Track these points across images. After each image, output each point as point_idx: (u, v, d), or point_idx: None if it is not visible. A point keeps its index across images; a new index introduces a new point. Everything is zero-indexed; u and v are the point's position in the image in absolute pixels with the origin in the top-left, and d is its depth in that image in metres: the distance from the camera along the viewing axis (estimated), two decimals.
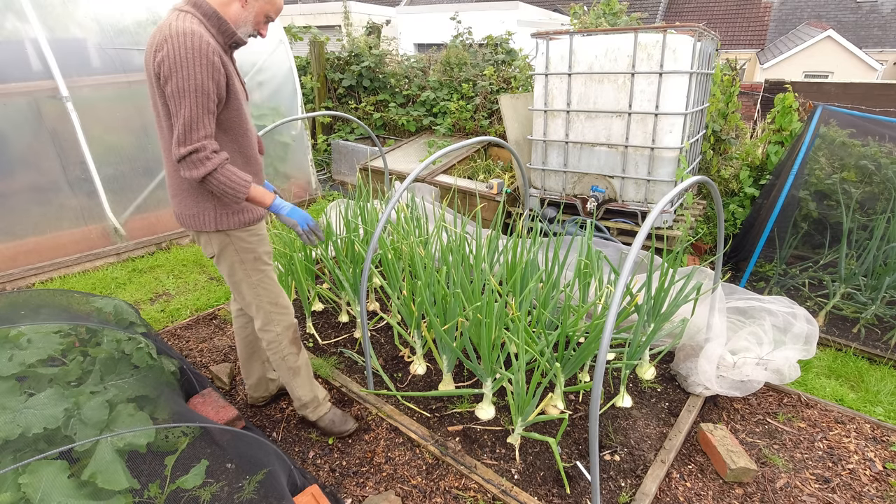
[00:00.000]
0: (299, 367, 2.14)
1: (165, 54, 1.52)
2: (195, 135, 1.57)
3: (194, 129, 1.57)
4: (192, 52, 1.52)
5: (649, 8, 18.74)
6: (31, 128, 3.69)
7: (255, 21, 1.74)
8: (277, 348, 2.06)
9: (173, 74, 1.52)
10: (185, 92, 1.53)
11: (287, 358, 2.09)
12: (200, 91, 1.55)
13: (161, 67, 1.54)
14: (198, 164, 1.59)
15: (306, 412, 2.25)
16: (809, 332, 2.66)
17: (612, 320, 1.44)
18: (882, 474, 2.13)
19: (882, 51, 17.20)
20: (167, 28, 1.56)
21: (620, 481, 2.05)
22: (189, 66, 1.52)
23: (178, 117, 1.56)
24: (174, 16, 1.61)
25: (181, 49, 1.51)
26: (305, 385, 2.19)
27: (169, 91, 1.55)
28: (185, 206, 1.79)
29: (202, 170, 1.59)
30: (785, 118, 4.36)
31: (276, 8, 1.78)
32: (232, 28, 1.70)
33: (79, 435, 1.46)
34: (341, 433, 2.28)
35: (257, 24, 1.76)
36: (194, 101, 1.55)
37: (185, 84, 1.53)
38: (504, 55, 6.36)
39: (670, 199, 1.87)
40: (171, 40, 1.53)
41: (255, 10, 1.72)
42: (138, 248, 4.27)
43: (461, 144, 2.72)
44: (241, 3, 1.69)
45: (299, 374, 2.15)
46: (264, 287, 1.97)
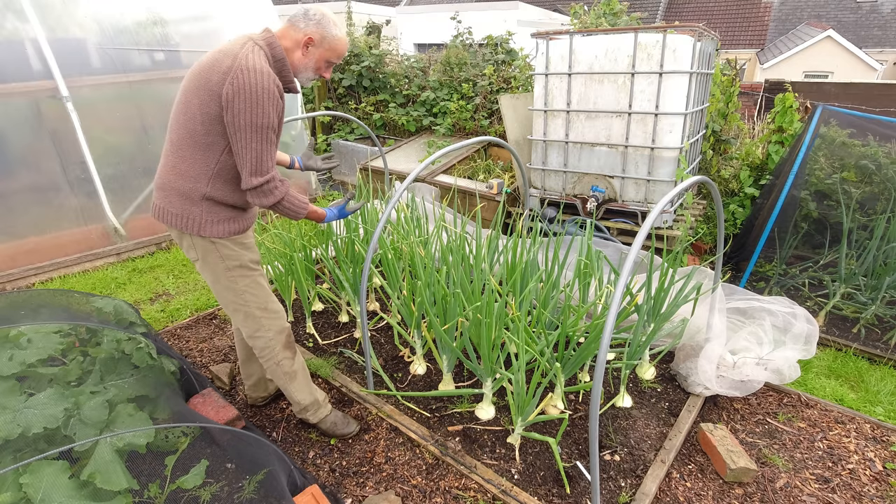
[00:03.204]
0: (295, 372, 2.11)
1: (241, 87, 1.59)
2: (265, 166, 1.69)
3: (265, 160, 1.68)
4: (266, 93, 1.61)
5: (649, 8, 18.73)
6: (31, 128, 3.69)
7: (315, 67, 1.82)
8: (270, 354, 2.02)
9: (248, 110, 1.60)
10: (258, 128, 1.63)
11: (282, 363, 2.05)
12: (270, 127, 1.66)
13: (235, 99, 1.60)
14: (270, 193, 1.72)
15: (307, 415, 2.22)
16: (809, 332, 2.66)
17: (612, 320, 1.44)
18: (882, 474, 2.13)
19: (882, 51, 17.20)
20: (244, 59, 1.62)
21: (620, 481, 2.05)
22: (263, 104, 1.61)
23: (250, 150, 1.65)
24: (250, 46, 1.67)
25: (258, 87, 1.60)
26: (303, 389, 2.16)
27: (240, 123, 1.62)
28: (171, 205, 1.78)
29: (274, 198, 1.74)
30: (785, 118, 4.36)
31: (338, 54, 1.84)
32: (291, 76, 1.79)
33: (79, 435, 1.46)
34: (344, 435, 2.27)
35: (318, 69, 1.84)
36: (264, 136, 1.65)
37: (260, 121, 1.62)
38: (504, 55, 6.36)
39: (670, 199, 1.87)
40: (248, 75, 1.59)
41: (316, 58, 1.80)
42: (138, 248, 4.27)
43: (461, 144, 2.72)
44: (303, 51, 1.77)
45: (296, 378, 2.12)
46: (252, 293, 1.93)
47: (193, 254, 1.87)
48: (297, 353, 2.13)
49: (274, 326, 2.00)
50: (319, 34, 1.76)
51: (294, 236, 2.99)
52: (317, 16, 1.76)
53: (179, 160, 1.74)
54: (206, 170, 1.73)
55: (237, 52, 1.64)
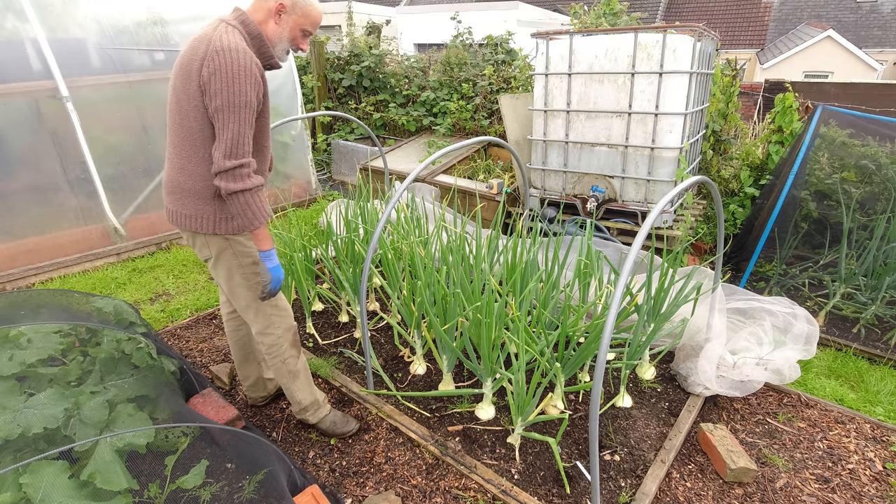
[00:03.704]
0: (299, 371, 2.12)
1: (217, 68, 1.56)
2: (242, 149, 1.62)
3: (241, 143, 1.62)
4: (242, 69, 1.57)
5: (649, 8, 18.73)
6: (31, 128, 3.69)
7: (290, 37, 1.76)
8: (278, 352, 2.03)
9: (225, 89, 1.56)
10: (235, 107, 1.58)
11: (287, 361, 2.06)
12: (248, 107, 1.61)
13: (211, 80, 1.57)
14: (239, 179, 1.63)
15: (306, 416, 2.23)
16: (810, 332, 2.66)
17: (612, 320, 1.44)
18: (882, 474, 2.13)
19: (882, 51, 17.20)
20: (218, 41, 1.58)
21: (620, 481, 2.05)
22: (240, 82, 1.57)
23: (226, 131, 1.60)
24: (222, 28, 1.64)
25: (233, 65, 1.56)
26: (305, 388, 2.17)
27: (218, 104, 1.58)
28: (184, 206, 1.78)
29: (241, 185, 1.64)
30: (785, 118, 4.36)
31: (312, 21, 1.77)
32: (271, 51, 1.75)
33: (79, 435, 1.46)
34: (343, 434, 2.27)
35: (293, 39, 1.77)
36: (243, 117, 1.60)
37: (237, 100, 1.58)
38: (504, 55, 6.36)
39: (670, 199, 1.87)
40: (223, 55, 1.56)
41: (290, 26, 1.74)
42: (138, 248, 4.27)
43: (461, 144, 2.72)
44: (275, 19, 1.72)
45: (299, 377, 2.13)
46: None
47: (207, 252, 1.86)
48: (301, 352, 2.13)
49: (283, 324, 2.01)
50: (290, 1, 1.71)
51: (294, 236, 2.99)
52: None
53: (185, 160, 1.73)
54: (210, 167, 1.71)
55: (210, 35, 1.61)
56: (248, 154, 1.65)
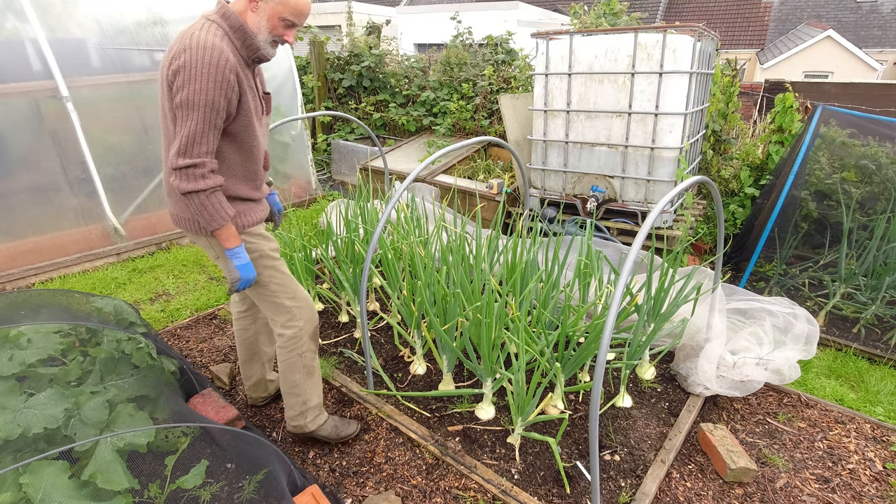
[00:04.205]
0: (314, 367, 2.04)
1: (182, 64, 1.51)
2: (197, 149, 1.56)
3: (197, 143, 1.56)
4: (208, 67, 1.51)
5: (649, 8, 18.74)
6: (31, 128, 3.69)
7: (269, 25, 1.66)
8: (296, 344, 1.95)
9: (186, 86, 1.51)
10: (194, 105, 1.52)
11: (305, 355, 1.98)
12: (210, 107, 1.54)
13: (176, 77, 1.53)
14: (192, 179, 1.57)
15: (305, 421, 2.10)
16: (810, 332, 2.66)
17: (612, 320, 1.44)
18: (882, 474, 2.13)
19: (882, 51, 17.20)
20: (188, 38, 1.55)
21: (620, 481, 2.05)
22: (203, 80, 1.51)
23: (183, 128, 1.55)
24: (199, 24, 1.60)
25: (198, 62, 1.51)
26: (318, 386, 2.09)
27: (178, 100, 1.54)
28: (182, 209, 1.76)
29: (194, 185, 1.58)
30: (785, 118, 4.36)
31: (292, 10, 1.65)
32: (256, 42, 1.67)
33: (79, 435, 1.46)
34: (346, 437, 2.21)
35: (273, 28, 1.67)
36: (202, 116, 1.54)
37: (196, 98, 1.52)
38: (504, 55, 6.36)
39: (670, 199, 1.87)
40: (190, 52, 1.52)
41: (267, 14, 1.64)
42: (138, 248, 4.27)
43: (461, 144, 2.72)
44: (251, 7, 1.64)
45: (314, 374, 2.05)
46: (277, 282, 1.89)
47: (212, 252, 1.83)
48: (317, 348, 2.07)
49: (304, 315, 1.95)
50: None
51: (294, 236, 2.99)
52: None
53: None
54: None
55: (185, 34, 1.57)
56: (205, 154, 1.58)
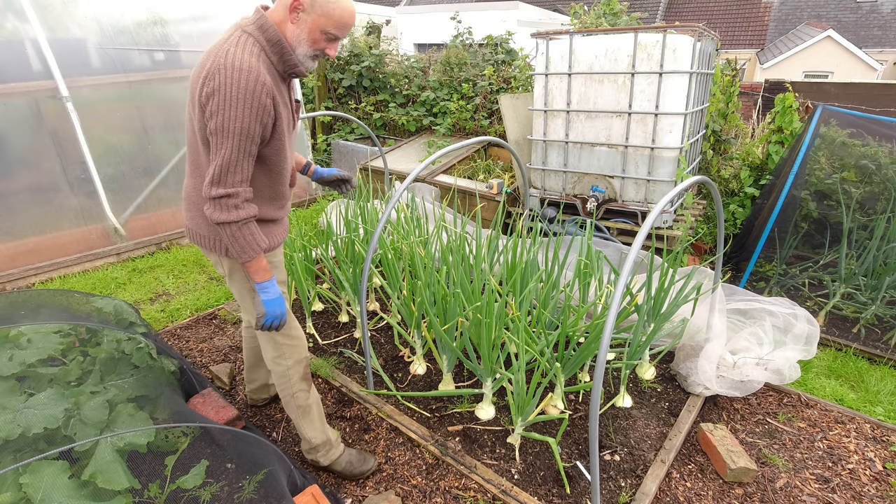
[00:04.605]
0: (310, 406, 1.96)
1: (216, 87, 1.42)
2: (231, 178, 1.49)
3: (231, 172, 1.48)
4: (243, 92, 1.42)
5: (649, 8, 18.74)
6: (31, 128, 3.69)
7: (310, 39, 1.54)
8: (287, 384, 1.90)
9: (220, 112, 1.43)
10: (228, 132, 1.44)
11: (297, 395, 1.92)
12: (245, 135, 1.46)
13: (209, 100, 1.44)
14: (225, 210, 1.50)
15: (317, 456, 2.04)
16: (810, 332, 2.66)
17: (612, 320, 1.44)
18: (882, 474, 2.13)
19: (882, 51, 17.20)
20: (223, 56, 1.44)
21: (620, 481, 2.05)
22: (237, 107, 1.42)
23: (217, 157, 1.47)
24: (235, 38, 1.49)
25: (233, 86, 1.41)
26: (316, 425, 1.99)
27: (212, 127, 1.46)
28: (198, 225, 1.71)
29: (226, 216, 1.51)
30: (785, 118, 4.36)
31: (336, 23, 1.52)
32: (293, 58, 1.56)
33: (79, 435, 1.46)
34: (362, 474, 2.08)
35: (314, 41, 1.55)
36: (236, 144, 1.46)
37: (231, 125, 1.43)
38: (504, 55, 6.36)
39: (670, 199, 1.87)
40: (224, 73, 1.42)
41: (308, 27, 1.52)
42: (138, 248, 4.27)
43: (461, 144, 2.72)
44: (291, 18, 1.52)
45: (309, 413, 1.97)
46: None
47: (221, 269, 1.78)
48: (312, 386, 1.98)
49: (294, 355, 1.88)
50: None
51: (294, 236, 2.99)
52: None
53: (197, 179, 1.64)
54: None
55: (219, 48, 1.47)
56: (240, 183, 1.51)
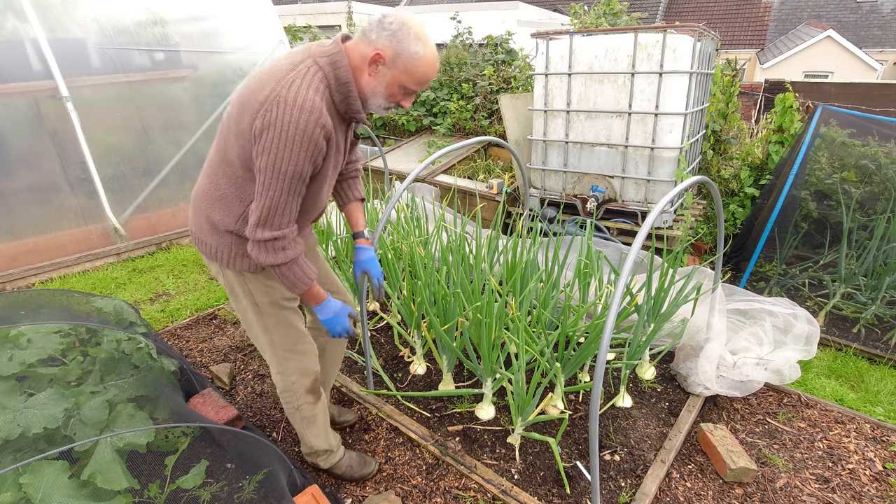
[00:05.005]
0: (315, 416, 1.89)
1: (272, 121, 1.32)
2: (279, 220, 1.41)
3: (280, 214, 1.40)
4: (301, 134, 1.33)
5: (649, 8, 18.74)
6: (31, 128, 3.69)
7: (387, 92, 1.46)
8: (291, 398, 1.82)
9: (273, 150, 1.33)
10: (280, 174, 1.35)
11: (302, 408, 1.84)
12: (297, 177, 1.38)
13: (263, 133, 1.34)
14: (272, 252, 1.44)
15: (317, 460, 2.02)
16: (810, 332, 2.66)
17: (612, 320, 1.44)
18: (882, 474, 2.13)
19: (882, 51, 17.21)
20: (286, 87, 1.34)
21: (620, 481, 2.05)
22: (293, 149, 1.33)
23: (265, 197, 1.38)
24: (304, 68, 1.38)
25: (291, 126, 1.31)
26: (320, 434, 1.95)
27: (262, 164, 1.36)
28: (203, 233, 1.62)
29: (274, 258, 1.45)
30: (785, 118, 4.36)
31: (417, 80, 1.44)
32: (357, 105, 1.47)
33: (79, 435, 1.46)
34: (363, 478, 2.06)
35: (391, 95, 1.47)
36: (286, 186, 1.38)
37: (284, 167, 1.34)
38: (504, 55, 6.36)
39: (670, 199, 1.87)
40: (284, 109, 1.31)
41: (387, 81, 1.44)
42: (138, 248, 4.27)
43: (461, 144, 2.72)
44: (369, 70, 1.43)
45: (314, 423, 1.91)
46: (279, 332, 1.72)
47: (222, 280, 1.69)
48: (321, 397, 1.90)
49: (298, 369, 1.78)
50: (392, 50, 1.38)
51: None
52: (394, 24, 1.37)
53: (213, 187, 1.55)
54: (238, 206, 1.51)
55: (282, 76, 1.36)
56: (287, 224, 1.43)
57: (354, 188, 1.88)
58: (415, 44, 1.38)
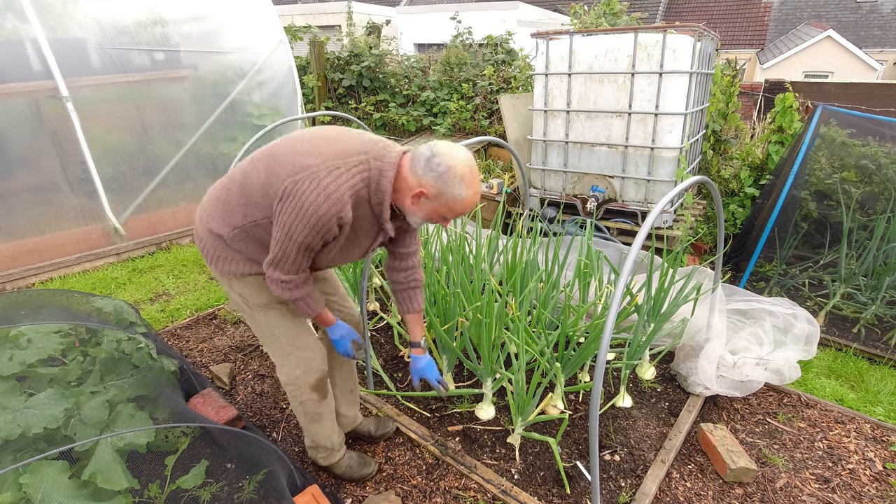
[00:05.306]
0: (321, 414, 1.90)
1: (298, 193, 1.40)
2: (289, 268, 1.54)
3: (289, 264, 1.53)
4: (317, 218, 1.41)
5: (649, 8, 18.74)
6: (31, 128, 3.69)
7: (426, 217, 1.56)
8: (296, 392, 1.84)
9: (289, 217, 1.43)
10: (291, 238, 1.46)
11: (305, 403, 1.85)
12: (305, 245, 1.48)
13: (287, 198, 1.42)
14: (281, 289, 1.57)
15: (318, 455, 2.04)
16: (810, 332, 2.66)
17: (612, 320, 1.44)
18: (882, 474, 2.13)
19: (882, 51, 17.21)
20: (325, 171, 1.41)
21: (620, 481, 2.05)
22: (305, 226, 1.42)
23: (278, 247, 1.49)
24: (355, 161, 1.46)
25: (311, 207, 1.40)
26: (325, 432, 1.96)
27: (279, 221, 1.46)
28: (201, 229, 1.68)
29: (282, 295, 1.58)
30: (785, 118, 4.36)
31: (456, 213, 1.53)
32: (385, 216, 1.56)
33: (79, 435, 1.46)
34: (361, 478, 2.06)
35: (430, 218, 1.57)
36: (296, 248, 1.49)
37: (295, 235, 1.45)
38: (504, 55, 6.36)
39: (670, 199, 1.87)
40: (312, 188, 1.39)
41: (428, 209, 1.52)
42: (138, 248, 4.27)
43: (461, 144, 2.72)
44: (413, 201, 1.51)
45: (320, 421, 1.92)
46: (277, 329, 1.76)
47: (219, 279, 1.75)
48: (327, 395, 1.91)
49: (301, 365, 1.79)
50: (436, 189, 1.45)
51: None
52: (441, 166, 1.43)
53: (225, 192, 1.62)
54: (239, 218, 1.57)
55: (333, 157, 1.44)
56: (296, 272, 1.55)
57: (413, 300, 1.92)
58: (458, 187, 1.45)
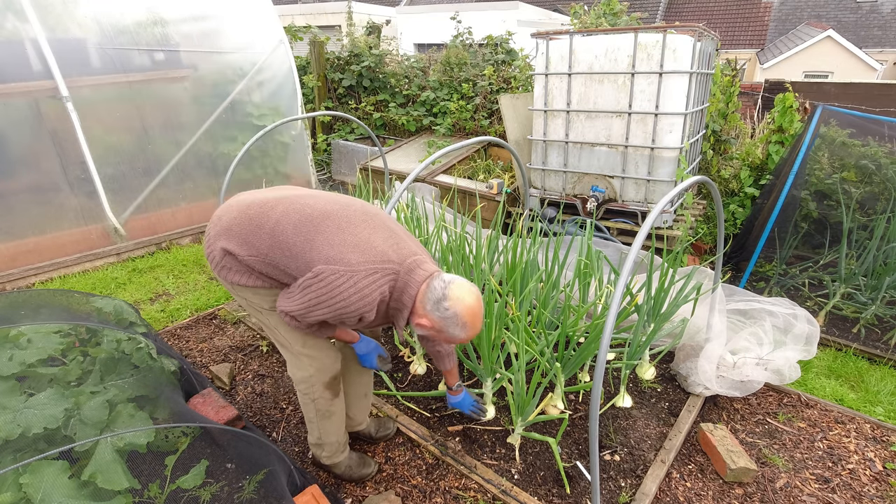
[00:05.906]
0: (332, 412, 1.91)
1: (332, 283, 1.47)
2: (302, 325, 1.63)
3: (305, 325, 1.62)
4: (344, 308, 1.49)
5: (649, 8, 18.74)
6: (31, 128, 3.69)
7: (424, 334, 1.66)
8: (308, 389, 1.84)
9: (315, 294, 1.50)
10: (312, 314, 1.55)
11: (318, 401, 1.86)
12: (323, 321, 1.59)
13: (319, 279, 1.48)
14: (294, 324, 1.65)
15: (321, 453, 2.04)
16: (810, 332, 2.66)
17: (612, 320, 1.44)
18: (882, 474, 2.13)
19: (882, 51, 17.20)
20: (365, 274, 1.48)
21: (620, 481, 2.05)
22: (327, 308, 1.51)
23: (293, 304, 1.56)
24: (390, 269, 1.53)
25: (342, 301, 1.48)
26: (334, 430, 1.97)
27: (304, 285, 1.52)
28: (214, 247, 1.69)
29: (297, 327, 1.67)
30: (785, 118, 4.36)
31: (451, 343, 1.70)
32: (401, 324, 1.65)
33: (79, 435, 1.46)
34: (361, 478, 2.07)
35: (427, 336, 1.72)
36: (314, 320, 1.57)
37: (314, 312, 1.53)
38: (504, 55, 6.36)
39: (670, 199, 1.87)
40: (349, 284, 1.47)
41: (426, 331, 1.62)
42: (138, 248, 4.27)
43: (461, 144, 2.72)
44: (416, 320, 1.60)
45: (331, 418, 1.92)
46: (286, 330, 1.76)
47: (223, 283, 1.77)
48: (339, 393, 1.92)
49: (314, 365, 1.80)
50: (438, 326, 1.55)
51: None
52: (448, 311, 1.51)
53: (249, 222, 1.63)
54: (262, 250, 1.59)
55: (366, 264, 1.49)
56: (307, 326, 1.63)
57: (445, 362, 2.07)
58: (459, 330, 1.54)
